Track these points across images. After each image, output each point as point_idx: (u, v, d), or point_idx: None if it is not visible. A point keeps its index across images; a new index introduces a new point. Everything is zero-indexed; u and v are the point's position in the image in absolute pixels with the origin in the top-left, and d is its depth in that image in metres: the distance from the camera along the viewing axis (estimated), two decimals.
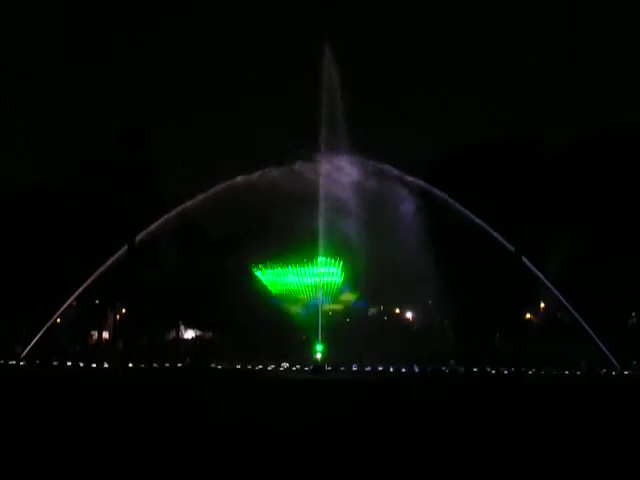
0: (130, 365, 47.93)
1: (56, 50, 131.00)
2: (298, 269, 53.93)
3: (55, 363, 51.28)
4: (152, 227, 48.53)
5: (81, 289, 49.03)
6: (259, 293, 57.04)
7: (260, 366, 52.04)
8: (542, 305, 61.68)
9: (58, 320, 55.31)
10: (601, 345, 47.52)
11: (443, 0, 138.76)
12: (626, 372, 49.03)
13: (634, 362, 53.10)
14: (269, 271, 57.41)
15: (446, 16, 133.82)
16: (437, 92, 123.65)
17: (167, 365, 52.08)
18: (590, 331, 46.84)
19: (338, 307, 55.09)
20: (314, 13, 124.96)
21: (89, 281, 48.30)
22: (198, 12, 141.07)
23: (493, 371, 50.18)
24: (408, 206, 45.25)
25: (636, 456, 11.00)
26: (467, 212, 45.88)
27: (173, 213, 48.77)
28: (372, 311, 61.67)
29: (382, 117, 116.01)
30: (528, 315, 61.16)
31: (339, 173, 44.60)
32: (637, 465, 10.20)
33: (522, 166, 56.99)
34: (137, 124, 64.81)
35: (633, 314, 60.83)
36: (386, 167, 45.87)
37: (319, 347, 45.92)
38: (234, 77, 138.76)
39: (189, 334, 72.12)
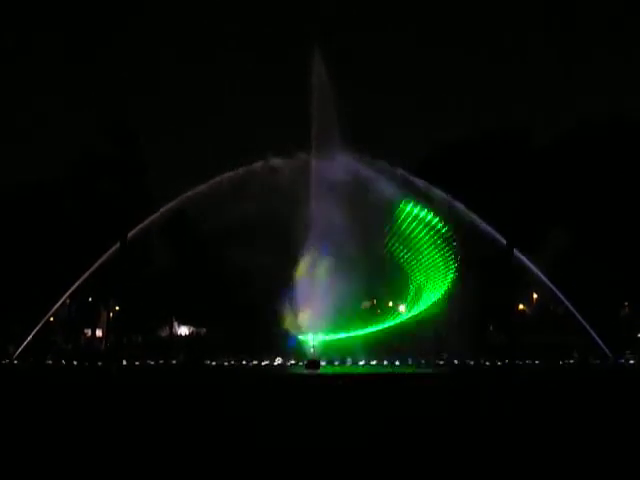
0: (124, 362, 47.96)
1: (56, 50, 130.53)
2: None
3: (49, 362, 51.21)
4: (145, 223, 48.40)
5: (74, 287, 48.90)
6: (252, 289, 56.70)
7: (254, 362, 52.04)
8: (535, 296, 61.90)
9: (51, 319, 55.18)
10: (594, 335, 47.75)
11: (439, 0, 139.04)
12: (621, 361, 49.35)
13: (627, 351, 53.44)
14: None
15: (443, 16, 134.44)
16: (431, 90, 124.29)
17: (161, 362, 52.02)
18: (583, 321, 47.03)
19: None
20: (313, 12, 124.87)
21: (82, 279, 48.16)
22: (196, 12, 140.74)
23: (487, 363, 50.36)
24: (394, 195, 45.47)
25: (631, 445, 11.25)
26: (459, 204, 45.98)
27: (165, 208, 48.65)
28: (365, 304, 61.62)
29: (377, 115, 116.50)
30: (521, 306, 61.40)
31: (328, 169, 44.64)
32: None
33: (513, 160, 57.25)
34: (130, 123, 64.68)
35: (626, 304, 61.15)
36: (373, 161, 45.97)
37: (312, 342, 45.89)
38: (233, 77, 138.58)
39: (183, 330, 72.00)
